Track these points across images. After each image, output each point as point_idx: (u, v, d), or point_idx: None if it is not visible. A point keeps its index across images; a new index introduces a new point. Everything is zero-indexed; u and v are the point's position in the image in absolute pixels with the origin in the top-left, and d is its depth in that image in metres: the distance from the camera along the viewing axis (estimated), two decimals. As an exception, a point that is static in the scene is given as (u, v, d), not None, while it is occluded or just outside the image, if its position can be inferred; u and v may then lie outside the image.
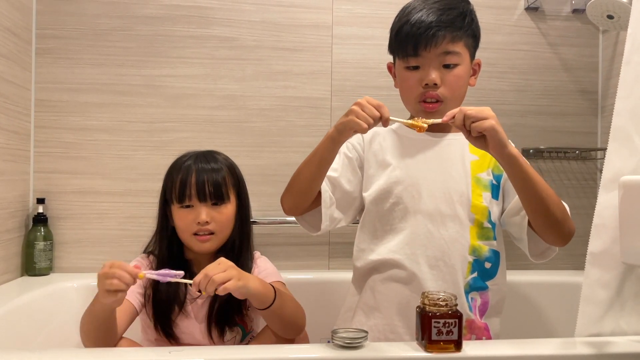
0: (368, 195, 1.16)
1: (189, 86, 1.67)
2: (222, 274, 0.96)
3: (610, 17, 1.58)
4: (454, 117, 0.96)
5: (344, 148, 1.19)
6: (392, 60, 1.22)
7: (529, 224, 1.07)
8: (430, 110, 1.12)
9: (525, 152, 1.78)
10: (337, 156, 1.17)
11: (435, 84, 1.10)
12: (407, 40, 1.10)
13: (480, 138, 0.96)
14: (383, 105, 0.99)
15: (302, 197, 1.11)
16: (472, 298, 1.10)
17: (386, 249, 1.12)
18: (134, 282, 0.96)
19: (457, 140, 1.17)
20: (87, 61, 1.64)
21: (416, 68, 1.12)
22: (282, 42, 1.71)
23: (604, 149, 1.19)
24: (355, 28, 1.73)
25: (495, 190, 1.14)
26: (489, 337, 1.11)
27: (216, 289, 0.95)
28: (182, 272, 0.99)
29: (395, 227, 1.12)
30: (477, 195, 1.12)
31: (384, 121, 0.99)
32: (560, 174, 1.81)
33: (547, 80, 1.81)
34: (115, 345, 1.07)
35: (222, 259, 1.02)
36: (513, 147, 0.97)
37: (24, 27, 1.56)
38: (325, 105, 1.72)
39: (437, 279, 1.08)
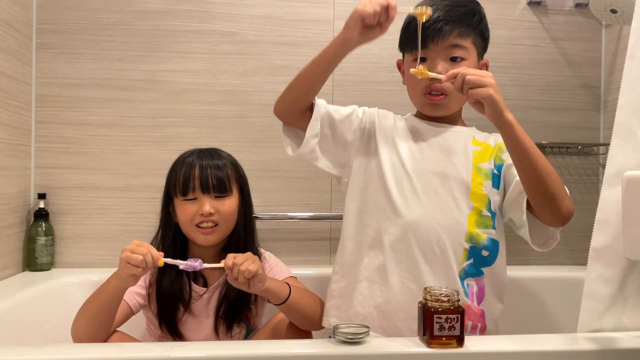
0: (367, 169, 1.17)
1: (190, 81, 1.67)
2: (253, 265, 1.02)
3: (613, 11, 1.58)
4: (455, 78, 0.99)
5: (358, 110, 1.22)
6: (401, 58, 1.24)
7: (529, 209, 1.07)
8: (434, 102, 1.14)
9: (527, 148, 1.77)
10: (350, 108, 1.21)
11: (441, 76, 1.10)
12: (415, 33, 1.11)
13: (478, 103, 0.99)
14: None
15: (298, 98, 1.14)
16: (468, 284, 1.11)
17: (382, 230, 1.12)
18: (152, 265, 0.99)
19: (461, 132, 1.19)
20: (88, 56, 1.64)
21: (423, 60, 1.13)
22: (283, 36, 1.70)
23: (607, 144, 1.19)
24: (356, 23, 1.72)
25: (496, 179, 1.15)
26: (483, 325, 1.11)
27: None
28: (200, 260, 1.03)
29: (392, 208, 1.12)
30: (478, 183, 1.13)
31: (390, 8, 1.01)
32: (563, 170, 1.80)
33: (549, 75, 1.80)
34: (106, 339, 1.07)
35: (247, 254, 1.05)
36: (510, 116, 0.99)
37: (24, 21, 1.55)
38: (326, 100, 1.71)
39: (432, 263, 1.09)
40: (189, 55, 1.67)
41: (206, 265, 1.03)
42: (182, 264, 1.02)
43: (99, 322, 1.04)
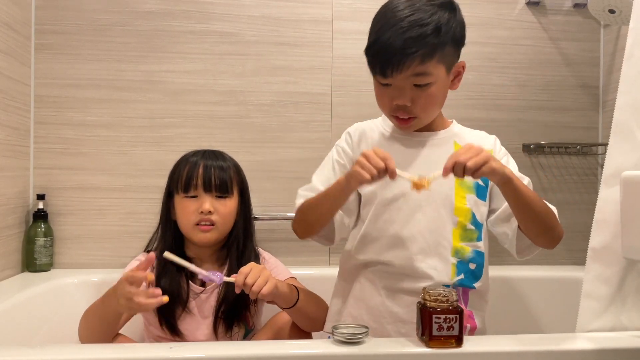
0: (358, 197, 1.17)
1: (189, 82, 1.67)
2: (260, 279, 1.01)
3: (611, 11, 1.58)
4: (453, 168, 0.95)
5: (335, 155, 1.19)
6: None
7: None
8: (403, 125, 1.11)
9: (526, 147, 1.78)
10: (329, 162, 1.18)
11: (406, 105, 1.07)
12: (375, 61, 1.06)
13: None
14: (389, 157, 0.96)
15: (314, 227, 1.13)
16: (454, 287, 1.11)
17: (370, 250, 1.12)
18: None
19: (441, 139, 1.16)
20: (87, 57, 1.64)
21: (388, 85, 1.08)
22: (282, 37, 1.70)
23: (605, 144, 1.19)
24: (355, 23, 1.72)
25: (482, 191, 1.14)
26: (473, 324, 1.11)
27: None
28: (220, 275, 1.03)
29: (380, 227, 1.12)
30: (461, 197, 1.12)
31: (390, 173, 0.96)
32: (561, 169, 1.80)
33: (548, 75, 1.80)
34: (111, 341, 1.08)
35: (253, 263, 1.04)
36: (508, 171, 0.97)
37: (23, 22, 1.55)
38: (325, 101, 1.72)
39: (421, 281, 1.08)
40: (188, 56, 1.67)
41: (226, 278, 1.02)
42: (202, 274, 1.01)
43: (103, 330, 1.06)
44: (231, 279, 1.01)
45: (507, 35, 1.78)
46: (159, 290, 0.95)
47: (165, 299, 0.95)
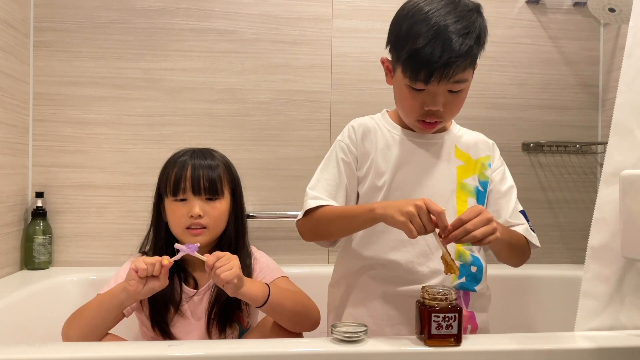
0: (361, 195, 1.15)
1: (188, 80, 1.67)
2: (229, 272, 0.99)
3: (611, 10, 1.58)
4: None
5: (339, 153, 1.15)
6: (386, 55, 1.15)
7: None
8: (428, 129, 1.10)
9: (526, 146, 1.78)
10: (335, 162, 1.15)
11: (439, 110, 1.05)
12: (419, 67, 1.01)
13: None
14: (442, 212, 0.92)
15: (325, 239, 1.14)
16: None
17: (372, 251, 1.12)
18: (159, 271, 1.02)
19: (444, 141, 1.15)
20: (86, 54, 1.63)
21: (421, 90, 1.05)
22: (281, 35, 1.70)
23: (605, 143, 1.19)
24: (355, 21, 1.72)
25: (481, 196, 1.13)
26: (475, 326, 1.11)
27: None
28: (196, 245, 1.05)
29: (381, 230, 1.11)
30: (462, 201, 1.11)
31: (443, 230, 0.95)
32: (561, 168, 1.80)
33: (547, 74, 1.80)
34: (100, 340, 1.07)
35: (231, 256, 1.03)
36: (499, 228, 0.98)
37: (21, 19, 1.55)
38: (324, 99, 1.71)
39: (423, 282, 1.08)
40: (187, 54, 1.67)
41: (196, 254, 1.03)
42: (181, 249, 1.03)
43: (93, 330, 1.05)
44: (204, 257, 1.02)
45: (506, 33, 1.78)
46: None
47: (166, 261, 1.02)
